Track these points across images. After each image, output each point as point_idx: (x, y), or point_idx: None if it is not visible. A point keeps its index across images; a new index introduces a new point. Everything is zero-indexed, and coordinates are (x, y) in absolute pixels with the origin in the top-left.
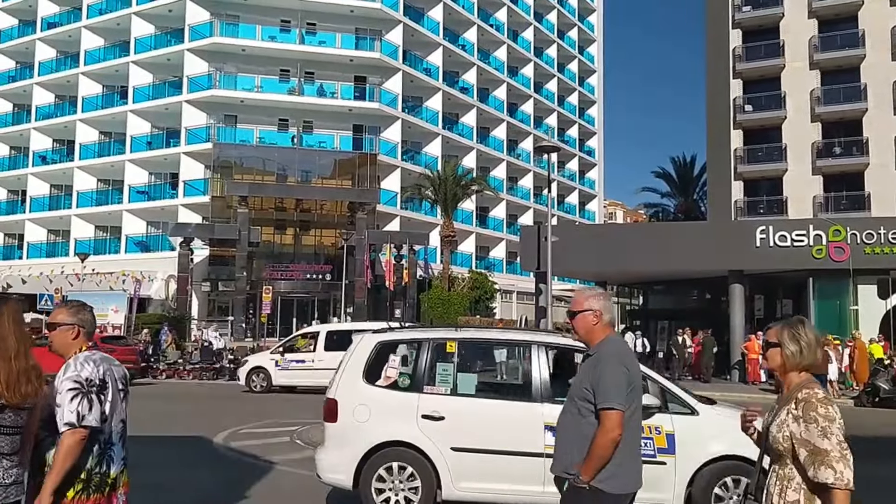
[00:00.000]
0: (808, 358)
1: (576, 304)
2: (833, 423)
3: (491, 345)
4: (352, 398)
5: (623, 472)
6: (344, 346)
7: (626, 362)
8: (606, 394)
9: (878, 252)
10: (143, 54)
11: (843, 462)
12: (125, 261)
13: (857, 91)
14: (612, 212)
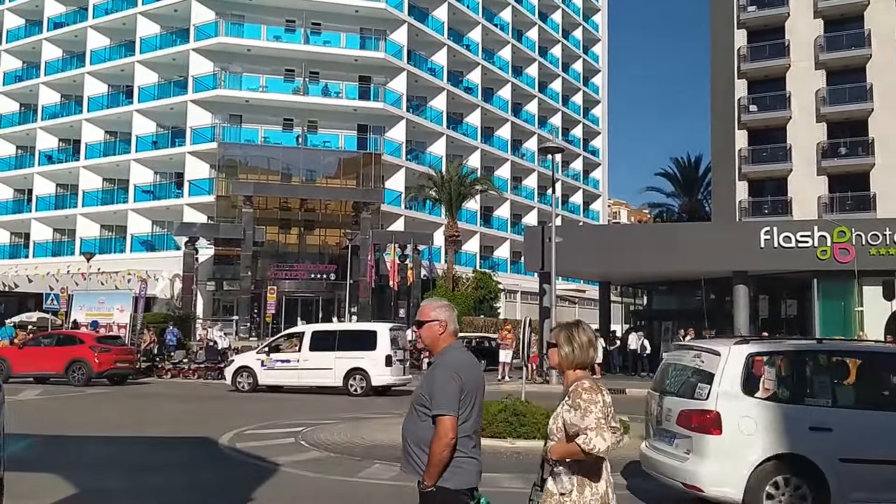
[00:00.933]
0: (581, 357)
1: (422, 314)
2: (595, 405)
3: (860, 355)
4: (734, 410)
5: (462, 470)
6: (329, 347)
7: (460, 370)
8: (439, 401)
9: (883, 253)
10: (148, 54)
11: (598, 432)
12: (130, 260)
13: (862, 91)
14: (617, 211)
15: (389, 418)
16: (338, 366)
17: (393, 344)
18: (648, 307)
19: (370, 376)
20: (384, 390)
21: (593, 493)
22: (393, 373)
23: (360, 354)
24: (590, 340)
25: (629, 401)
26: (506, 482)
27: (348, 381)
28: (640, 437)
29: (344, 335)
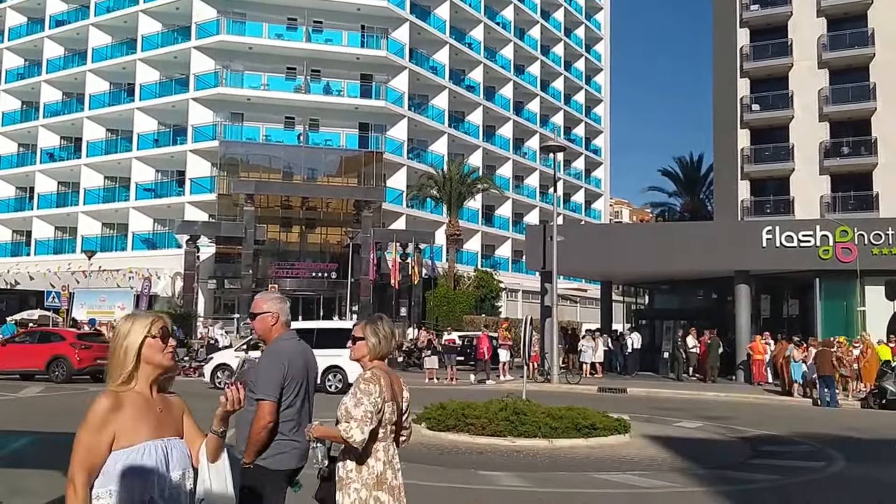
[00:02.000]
0: (385, 348)
1: (255, 306)
2: (368, 396)
3: None
4: None
5: (280, 452)
6: (308, 345)
7: (286, 359)
8: (260, 386)
9: (885, 253)
10: (150, 52)
11: (358, 423)
12: (132, 258)
13: (865, 90)
14: (618, 211)
15: None
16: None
17: None
18: (650, 306)
19: (347, 374)
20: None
21: (370, 474)
22: None
23: (337, 352)
24: (392, 332)
25: (630, 400)
26: (505, 480)
27: (325, 378)
28: (641, 435)
29: (322, 333)
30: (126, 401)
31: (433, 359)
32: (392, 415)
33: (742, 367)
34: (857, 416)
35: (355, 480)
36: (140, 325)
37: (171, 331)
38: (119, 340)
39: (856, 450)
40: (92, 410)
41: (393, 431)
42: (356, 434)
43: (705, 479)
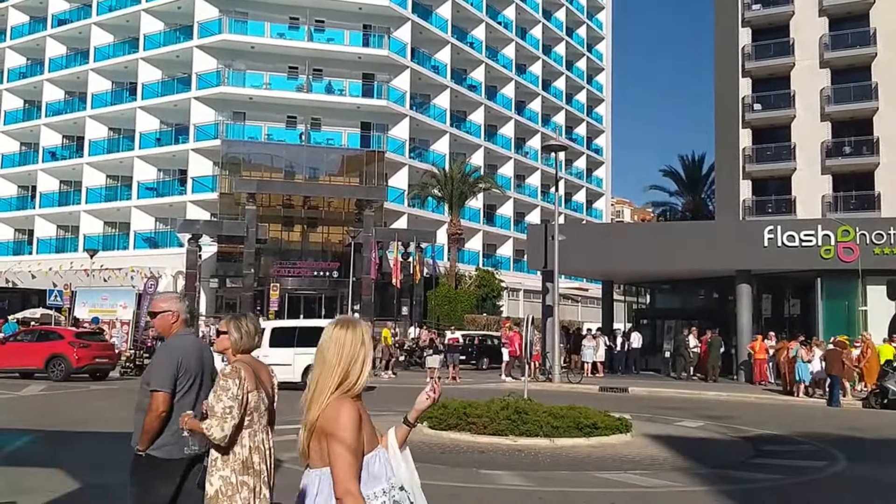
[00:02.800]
0: (247, 343)
1: (155, 306)
2: (226, 391)
3: None
4: None
5: (173, 442)
6: (288, 343)
7: (182, 354)
8: (154, 378)
9: (887, 252)
10: (152, 51)
11: (218, 419)
12: (133, 257)
13: (867, 90)
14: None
15: (392, 415)
16: (297, 361)
17: None
18: (651, 306)
19: None
20: None
21: (235, 459)
22: None
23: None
24: (255, 329)
25: (631, 399)
26: (506, 479)
27: (307, 376)
28: (642, 434)
29: (303, 331)
30: (359, 408)
31: (435, 358)
32: (259, 402)
33: (743, 367)
34: (858, 416)
35: (221, 468)
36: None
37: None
38: (353, 348)
39: (858, 449)
40: (349, 417)
41: (264, 417)
42: (216, 431)
43: (707, 478)
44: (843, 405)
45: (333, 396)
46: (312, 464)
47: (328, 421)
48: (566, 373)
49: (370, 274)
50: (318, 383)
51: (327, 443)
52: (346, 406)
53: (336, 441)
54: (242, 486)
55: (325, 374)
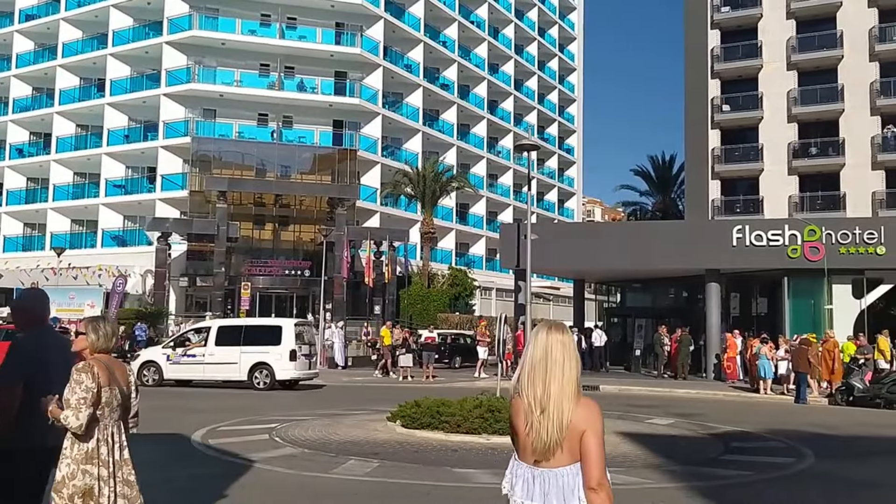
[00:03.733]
0: (103, 345)
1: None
2: (80, 385)
3: None
4: None
5: (23, 432)
6: (236, 342)
7: (32, 350)
8: (1, 373)
9: (852, 252)
10: (121, 47)
11: (73, 410)
12: (101, 255)
13: (833, 92)
14: (591, 210)
15: (366, 414)
16: (243, 360)
17: (298, 339)
18: (622, 304)
19: (274, 370)
20: (292, 384)
21: (80, 450)
22: (297, 367)
23: (265, 349)
24: (113, 331)
25: (602, 397)
26: (480, 477)
27: (253, 375)
28: (614, 432)
29: (250, 330)
30: None
31: (408, 357)
32: (112, 398)
33: (714, 364)
34: (825, 413)
35: (68, 456)
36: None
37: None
38: (574, 347)
39: (824, 446)
40: (601, 415)
41: (116, 412)
42: (72, 421)
43: (679, 475)
44: (810, 402)
45: (579, 395)
46: (558, 462)
47: (585, 419)
48: None
49: (342, 273)
50: (562, 386)
51: (581, 440)
52: (597, 405)
53: (594, 437)
54: (85, 474)
55: (568, 377)
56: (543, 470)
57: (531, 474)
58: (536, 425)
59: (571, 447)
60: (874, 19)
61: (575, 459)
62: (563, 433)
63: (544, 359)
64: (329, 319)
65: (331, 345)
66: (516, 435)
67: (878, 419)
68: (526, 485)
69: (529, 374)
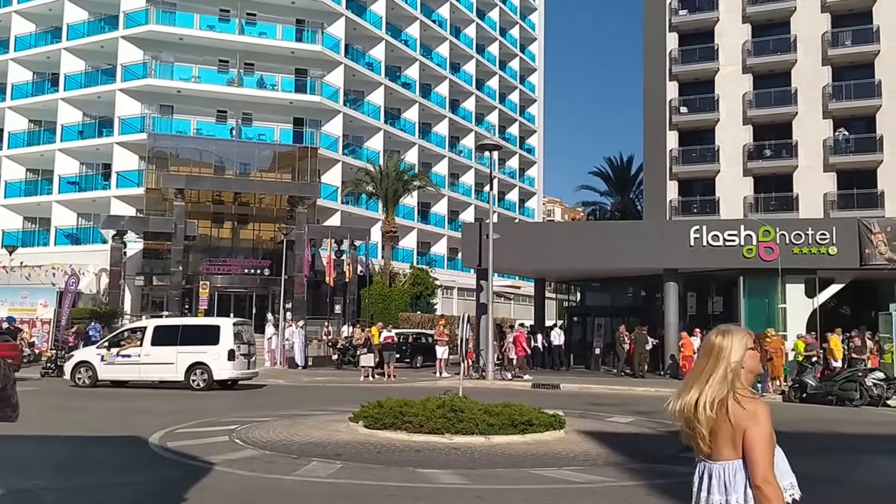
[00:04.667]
0: None
1: None
2: None
3: None
4: None
5: None
6: (171, 341)
7: None
8: None
9: (805, 252)
10: (75, 41)
11: None
12: (55, 253)
13: (787, 95)
14: (551, 209)
15: (327, 415)
16: (180, 360)
17: (237, 338)
18: (582, 304)
19: (212, 370)
20: (231, 384)
21: None
22: (236, 367)
23: (202, 349)
24: None
25: (563, 395)
26: (443, 478)
27: (190, 375)
28: (575, 431)
29: (187, 330)
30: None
31: (369, 356)
32: None
33: (671, 362)
34: (778, 410)
35: None
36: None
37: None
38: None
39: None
40: (766, 413)
41: None
42: None
43: (640, 473)
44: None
45: (745, 393)
46: (719, 456)
47: (747, 416)
48: (499, 370)
49: (303, 272)
50: (730, 382)
51: (745, 436)
52: (763, 403)
53: (758, 434)
54: None
55: (725, 374)
56: (710, 463)
57: (703, 467)
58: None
59: (734, 443)
60: (827, 24)
61: (738, 455)
62: (709, 429)
63: (711, 360)
64: (289, 319)
65: (291, 345)
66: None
67: (830, 416)
68: (698, 475)
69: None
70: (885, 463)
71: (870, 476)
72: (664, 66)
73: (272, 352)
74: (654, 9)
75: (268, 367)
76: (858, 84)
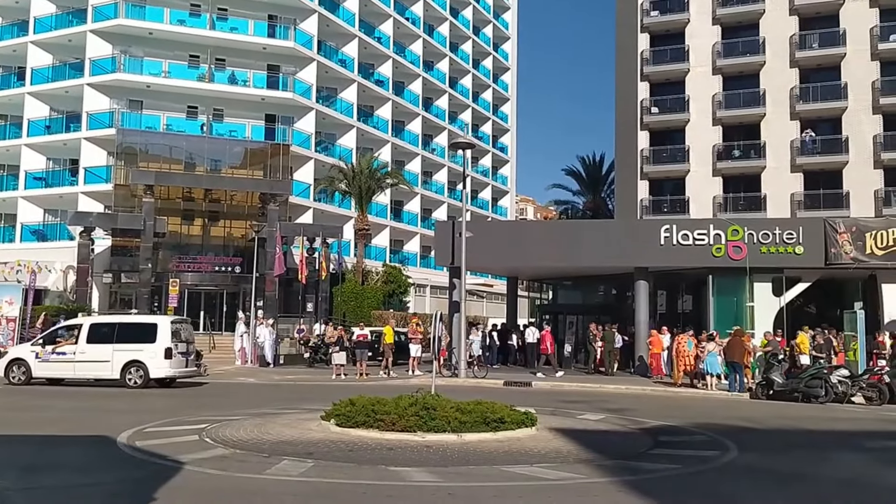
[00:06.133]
0: None
1: None
2: None
3: None
4: None
5: None
6: (107, 339)
7: None
8: None
9: (773, 251)
10: (42, 34)
11: None
12: (20, 250)
13: (756, 96)
14: (524, 208)
15: (299, 413)
16: (115, 358)
17: (174, 336)
18: (554, 302)
19: (148, 368)
20: (169, 382)
21: None
22: (173, 365)
23: (139, 347)
24: None
25: (535, 393)
26: (416, 475)
27: (126, 373)
28: (547, 428)
29: (123, 328)
30: None
31: (341, 355)
32: None
33: (641, 361)
34: (747, 407)
35: None
36: None
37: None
38: None
39: (748, 439)
40: None
41: None
42: None
43: (610, 469)
44: (732, 396)
45: None
46: None
47: None
48: (471, 368)
49: (274, 270)
50: None
51: None
52: None
53: None
54: None
55: None
56: None
57: None
58: None
59: None
60: (795, 27)
61: None
62: None
63: None
64: (261, 317)
65: (262, 343)
66: None
67: (797, 412)
68: None
69: None
70: (849, 458)
71: (834, 472)
72: (636, 67)
73: (243, 350)
74: (626, 9)
75: (238, 366)
76: (825, 86)
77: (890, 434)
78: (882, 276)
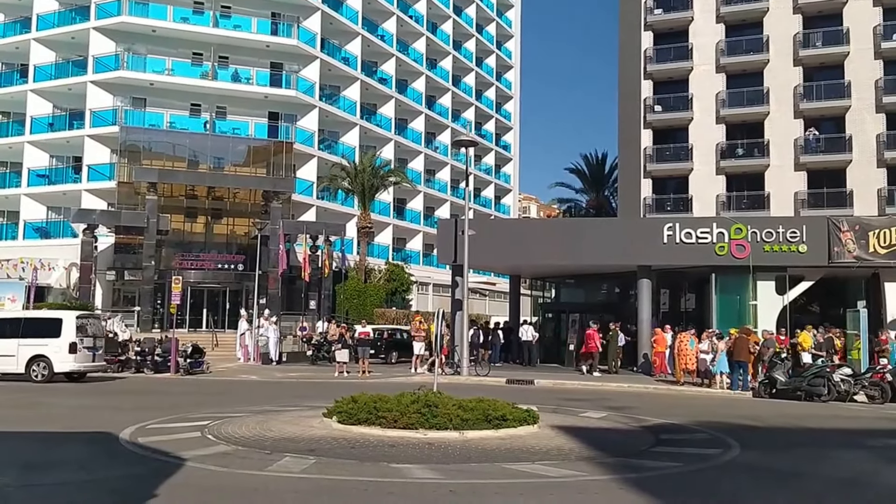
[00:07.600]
0: None
1: None
2: None
3: None
4: None
5: None
6: (12, 334)
7: None
8: None
9: (776, 250)
10: (45, 31)
11: None
12: (23, 247)
13: (759, 94)
14: (527, 206)
15: (301, 410)
16: (21, 353)
17: (80, 331)
18: (556, 300)
19: (53, 363)
20: (78, 377)
21: None
22: (78, 360)
23: (44, 342)
24: None
25: (537, 391)
26: (417, 472)
27: (31, 367)
28: (549, 426)
29: (29, 323)
30: None
31: (344, 352)
32: None
33: (645, 358)
34: (749, 405)
35: None
36: None
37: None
38: None
39: (750, 437)
40: None
41: None
42: None
43: (612, 467)
44: (734, 395)
45: None
46: None
47: None
48: (474, 366)
49: (277, 267)
50: None
51: None
52: None
53: None
54: None
55: None
56: None
57: None
58: None
59: None
60: (798, 25)
61: None
62: None
63: None
64: (264, 315)
65: (265, 340)
66: None
67: (799, 411)
68: None
69: None
70: (851, 457)
71: (836, 470)
72: (639, 65)
73: (245, 347)
74: (630, 7)
75: (241, 363)
76: (829, 85)
77: (892, 432)
78: (885, 275)
